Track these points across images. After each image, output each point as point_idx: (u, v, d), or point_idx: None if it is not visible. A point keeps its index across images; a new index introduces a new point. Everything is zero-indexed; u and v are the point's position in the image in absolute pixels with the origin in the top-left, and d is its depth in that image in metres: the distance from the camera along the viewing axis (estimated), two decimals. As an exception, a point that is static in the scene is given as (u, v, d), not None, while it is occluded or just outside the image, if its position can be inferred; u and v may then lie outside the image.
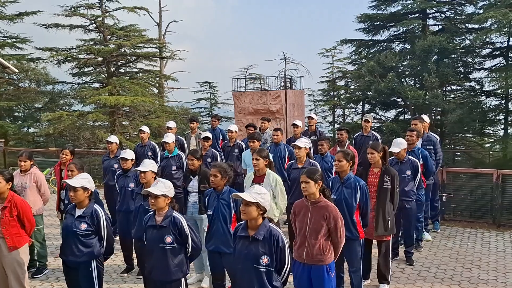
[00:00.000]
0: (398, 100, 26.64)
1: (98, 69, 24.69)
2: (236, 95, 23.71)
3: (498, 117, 22.67)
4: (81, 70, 24.38)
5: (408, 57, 24.44)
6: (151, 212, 4.26)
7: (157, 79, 26.46)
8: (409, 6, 24.07)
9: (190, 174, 6.01)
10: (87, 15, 22.85)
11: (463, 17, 24.01)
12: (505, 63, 21.61)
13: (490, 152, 23.65)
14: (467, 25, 23.74)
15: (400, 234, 6.75)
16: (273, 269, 3.53)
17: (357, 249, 5.05)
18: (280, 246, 3.52)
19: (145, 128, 8.55)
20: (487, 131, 24.05)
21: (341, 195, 4.99)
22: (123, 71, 25.34)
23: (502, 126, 22.20)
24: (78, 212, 4.46)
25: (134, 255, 6.49)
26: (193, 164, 5.92)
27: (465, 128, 23.17)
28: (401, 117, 28.01)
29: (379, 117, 30.36)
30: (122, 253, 6.72)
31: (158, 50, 25.68)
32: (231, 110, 34.51)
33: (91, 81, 25.43)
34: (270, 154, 7.00)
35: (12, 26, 26.40)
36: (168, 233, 4.03)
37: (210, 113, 34.98)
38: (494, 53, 22.54)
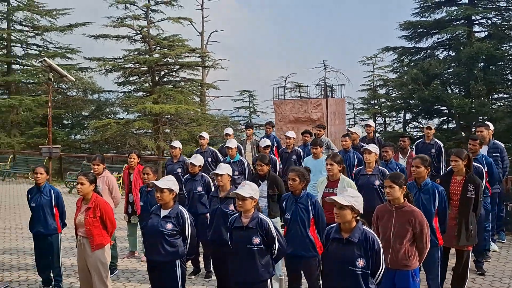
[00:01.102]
0: (442, 108, 26.08)
1: (142, 78, 25.31)
2: (276, 103, 23.79)
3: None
4: (127, 79, 25.07)
5: (453, 64, 23.93)
6: (236, 214, 4.33)
7: (199, 87, 26.88)
8: (454, 12, 23.60)
9: (259, 179, 6.07)
10: (133, 26, 23.52)
11: (510, 23, 23.39)
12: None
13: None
14: (515, 31, 23.10)
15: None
16: (369, 272, 3.52)
17: (435, 255, 4.97)
18: (376, 249, 3.52)
19: (204, 134, 8.69)
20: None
21: (418, 201, 4.93)
22: (166, 80, 25.88)
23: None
24: (164, 213, 4.57)
25: (200, 257, 6.59)
26: (262, 169, 5.99)
27: (514, 137, 22.43)
28: (445, 126, 27.41)
29: (422, 126, 29.84)
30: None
31: (200, 60, 26.13)
32: (270, 118, 34.64)
33: (135, 89, 26.09)
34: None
35: (62, 37, 27.44)
36: (256, 234, 4.08)
37: (249, 122, 35.20)
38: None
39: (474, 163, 6.33)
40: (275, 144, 9.80)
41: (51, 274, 6.08)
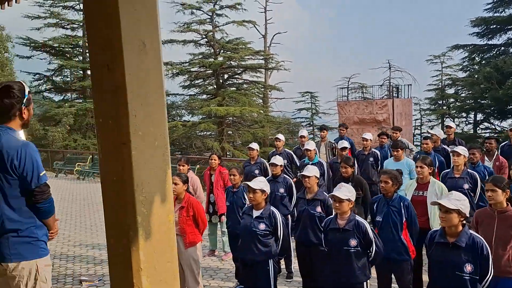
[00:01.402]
0: (517, 108, 24.69)
1: (207, 81, 25.91)
2: (340, 104, 23.49)
3: None
4: (192, 83, 25.77)
5: (530, 62, 22.55)
6: (331, 216, 4.36)
7: (262, 89, 27.12)
8: (532, 6, 22.31)
9: (343, 181, 6.04)
10: (199, 31, 24.14)
11: None
12: None
13: None
14: None
15: None
16: (477, 277, 3.43)
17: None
18: (485, 254, 3.42)
19: (281, 136, 8.78)
20: None
21: None
22: (230, 82, 26.34)
23: None
24: (256, 213, 4.68)
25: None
26: (346, 171, 5.97)
27: None
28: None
29: (494, 127, 28.36)
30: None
31: (263, 62, 26.37)
32: (332, 120, 34.25)
33: (200, 92, 26.76)
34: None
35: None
36: (353, 237, 4.09)
37: (311, 123, 34.99)
38: None
39: None
40: (349, 146, 9.71)
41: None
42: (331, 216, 4.38)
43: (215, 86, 25.46)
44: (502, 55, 24.91)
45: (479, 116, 28.59)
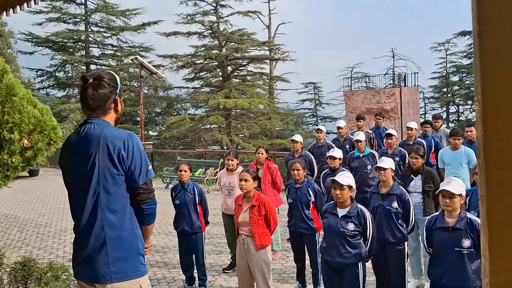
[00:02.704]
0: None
1: (212, 73, 25.43)
2: (347, 94, 23.16)
3: None
4: (197, 75, 25.28)
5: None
6: (436, 213, 4.00)
7: (268, 80, 26.70)
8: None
9: (411, 173, 5.70)
10: (204, 22, 23.61)
11: None
12: None
13: None
14: None
15: None
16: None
17: None
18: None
19: (322, 128, 8.39)
20: None
21: None
22: (236, 74, 25.88)
23: None
24: (342, 212, 4.31)
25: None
26: (417, 162, 5.61)
27: None
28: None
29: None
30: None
31: (268, 53, 25.92)
32: (336, 110, 33.98)
33: (204, 85, 26.28)
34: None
35: (136, 37, 28.11)
36: (466, 237, 3.73)
37: (315, 114, 34.65)
38: None
39: None
40: (384, 137, 9.38)
41: (195, 273, 6.01)
42: (435, 214, 4.00)
43: (221, 78, 24.99)
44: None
45: (485, 103, 28.45)
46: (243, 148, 23.55)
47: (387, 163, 5.03)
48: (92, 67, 25.37)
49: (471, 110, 31.36)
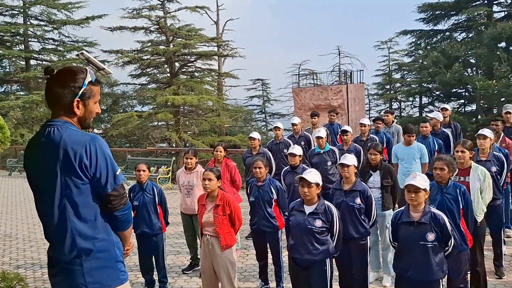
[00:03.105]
0: (461, 91, 25.84)
1: (160, 69, 24.91)
2: (296, 91, 23.46)
3: None
4: (143, 71, 24.66)
5: (474, 46, 23.60)
6: (402, 208, 4.08)
7: (217, 77, 26.51)
8: (475, -7, 23.32)
9: (370, 169, 5.81)
10: (151, 17, 23.05)
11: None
12: None
13: None
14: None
15: None
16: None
17: None
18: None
19: (280, 125, 8.38)
20: None
21: None
22: (184, 70, 25.49)
23: None
24: (309, 209, 4.33)
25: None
26: (375, 158, 5.73)
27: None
28: (465, 109, 27.24)
29: (438, 110, 29.63)
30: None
31: (216, 49, 25.72)
32: (284, 107, 34.36)
33: (150, 81, 25.69)
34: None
35: (79, 31, 26.95)
36: (430, 230, 3.84)
37: (263, 110, 34.85)
38: None
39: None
40: (339, 133, 9.55)
41: (155, 276, 5.84)
42: (401, 209, 4.09)
43: (168, 75, 24.50)
44: (446, 40, 25.91)
45: (425, 100, 29.74)
46: (192, 145, 23.27)
47: (350, 160, 5.09)
48: (32, 62, 24.10)
49: (412, 106, 32.68)
